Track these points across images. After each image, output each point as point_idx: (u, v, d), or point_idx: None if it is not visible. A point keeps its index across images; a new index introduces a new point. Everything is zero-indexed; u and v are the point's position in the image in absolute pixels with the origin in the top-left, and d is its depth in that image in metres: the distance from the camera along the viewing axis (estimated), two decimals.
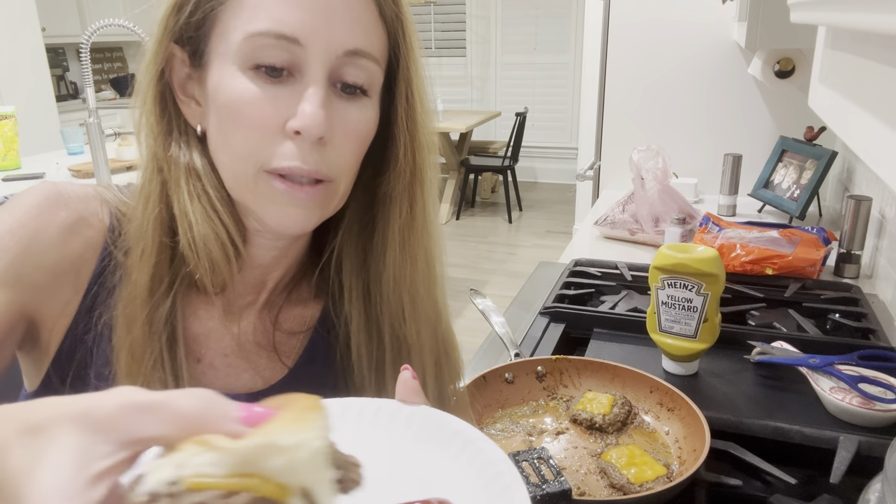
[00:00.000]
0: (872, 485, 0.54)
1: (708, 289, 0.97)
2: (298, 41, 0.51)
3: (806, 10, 0.61)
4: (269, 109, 0.52)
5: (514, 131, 5.41)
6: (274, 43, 0.51)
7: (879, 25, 0.38)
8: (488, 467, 0.41)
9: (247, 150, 0.53)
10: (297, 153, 0.53)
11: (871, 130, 0.45)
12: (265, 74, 0.52)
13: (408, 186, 0.59)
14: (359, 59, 0.54)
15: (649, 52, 2.12)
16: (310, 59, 0.52)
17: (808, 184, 1.74)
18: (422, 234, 0.61)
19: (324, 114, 0.52)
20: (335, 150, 0.54)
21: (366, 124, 0.56)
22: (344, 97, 0.55)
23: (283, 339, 0.65)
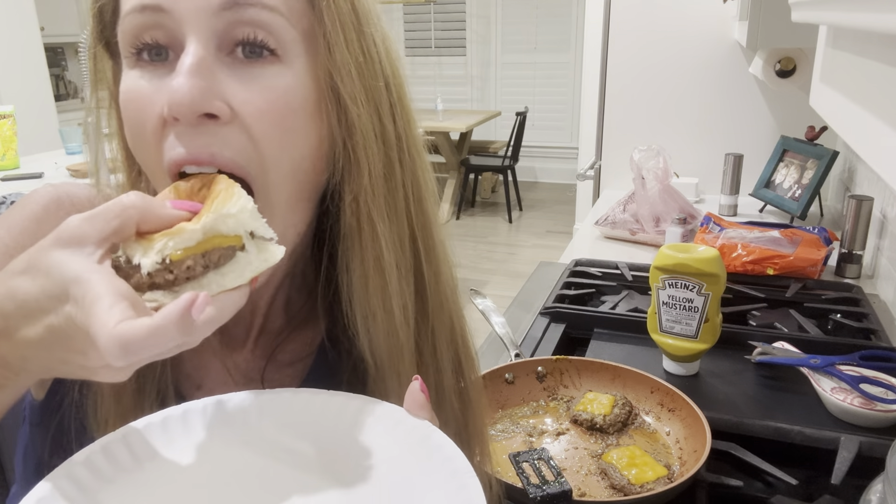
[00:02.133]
0: (874, 485, 0.54)
1: (709, 289, 0.97)
2: (161, 6, 0.42)
3: (807, 9, 0.60)
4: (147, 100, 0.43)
5: (514, 131, 5.41)
6: (141, 20, 0.43)
7: (881, 25, 0.37)
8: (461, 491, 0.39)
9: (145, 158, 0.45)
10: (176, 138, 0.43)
11: (873, 130, 0.45)
12: (148, 61, 0.44)
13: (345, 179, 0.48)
14: (246, 9, 0.42)
15: (650, 52, 2.12)
16: (183, 26, 0.42)
17: (810, 184, 1.74)
18: (369, 239, 0.48)
19: (197, 82, 0.41)
20: (242, 131, 0.43)
21: (282, 95, 0.44)
22: (247, 63, 0.44)
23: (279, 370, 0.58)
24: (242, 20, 0.42)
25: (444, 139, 5.43)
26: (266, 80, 0.43)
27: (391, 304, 0.50)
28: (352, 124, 0.46)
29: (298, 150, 0.45)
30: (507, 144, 5.50)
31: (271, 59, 0.44)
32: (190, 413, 0.45)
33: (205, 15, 0.42)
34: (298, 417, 0.46)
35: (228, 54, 0.43)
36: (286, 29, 0.44)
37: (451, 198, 5.62)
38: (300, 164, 0.46)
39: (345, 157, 0.47)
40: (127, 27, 0.44)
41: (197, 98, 0.41)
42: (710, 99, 2.10)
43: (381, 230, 0.48)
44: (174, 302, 0.33)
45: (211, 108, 0.42)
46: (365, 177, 0.47)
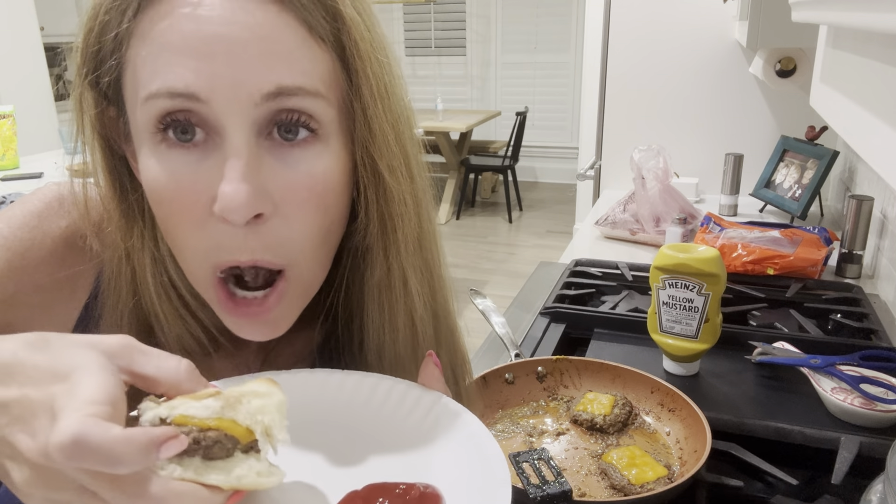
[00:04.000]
0: (874, 485, 0.54)
1: (709, 289, 0.97)
2: (197, 96, 0.40)
3: (807, 9, 0.60)
4: (190, 191, 0.42)
5: (514, 131, 5.41)
6: (170, 104, 0.41)
7: (881, 24, 0.37)
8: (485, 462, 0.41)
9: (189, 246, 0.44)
10: (230, 241, 0.42)
11: (873, 130, 0.45)
12: (176, 142, 0.42)
13: (377, 240, 0.48)
14: (289, 98, 0.41)
15: (650, 52, 2.12)
16: (221, 117, 0.41)
17: (810, 183, 1.74)
18: (401, 295, 0.49)
19: (248, 188, 0.40)
20: (284, 224, 0.43)
21: (321, 179, 0.44)
22: (286, 145, 0.43)
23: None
24: (284, 108, 0.42)
25: (444, 139, 5.43)
26: (306, 165, 0.43)
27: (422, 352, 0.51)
28: (390, 194, 0.46)
29: (331, 221, 0.46)
30: (507, 144, 5.50)
31: (311, 139, 0.43)
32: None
33: (247, 107, 0.41)
34: (317, 395, 0.47)
35: (267, 136, 0.43)
36: (326, 110, 0.43)
37: (451, 198, 5.62)
38: (328, 234, 0.47)
39: (380, 222, 0.47)
40: (152, 110, 0.41)
41: (250, 203, 0.40)
42: (711, 99, 2.10)
43: (413, 285, 0.49)
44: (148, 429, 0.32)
45: (259, 208, 0.41)
46: (401, 239, 0.48)
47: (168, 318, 0.49)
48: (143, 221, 0.49)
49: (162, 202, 0.43)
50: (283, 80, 0.41)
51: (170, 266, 0.49)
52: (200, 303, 0.49)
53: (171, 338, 0.49)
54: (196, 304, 0.49)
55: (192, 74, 0.40)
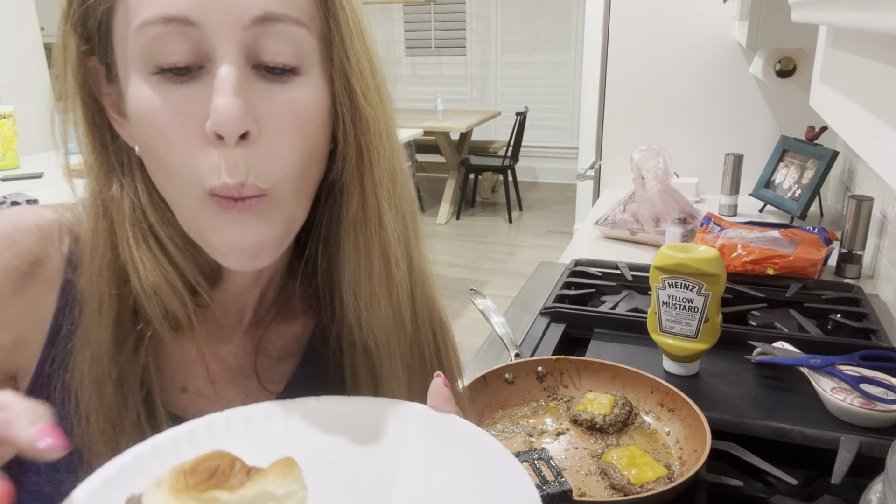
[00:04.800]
0: (874, 485, 0.54)
1: (709, 289, 0.97)
2: (190, 19, 0.41)
3: (807, 9, 0.60)
4: (182, 116, 0.43)
5: (514, 131, 5.41)
6: (164, 31, 0.41)
7: (881, 24, 0.37)
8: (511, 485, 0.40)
9: (180, 171, 0.44)
10: (222, 164, 0.43)
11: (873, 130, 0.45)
12: (171, 76, 0.43)
13: (354, 173, 0.49)
14: (274, 25, 0.43)
15: (650, 52, 2.12)
16: (212, 40, 0.42)
17: (810, 184, 1.74)
18: (376, 230, 0.50)
19: (240, 102, 0.42)
20: (267, 148, 0.44)
21: (303, 107, 0.45)
22: (269, 79, 0.44)
23: (269, 363, 0.58)
24: (270, 33, 0.43)
25: (444, 139, 5.43)
26: (288, 93, 0.45)
27: (397, 292, 0.51)
28: (366, 123, 0.47)
29: (310, 152, 0.47)
30: (507, 144, 5.50)
31: (292, 75, 0.45)
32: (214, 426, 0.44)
33: (237, 29, 0.42)
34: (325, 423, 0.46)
35: (253, 66, 0.44)
36: (308, 40, 0.45)
37: (451, 198, 5.62)
38: (309, 163, 0.47)
39: (357, 154, 0.48)
40: (146, 39, 0.42)
41: (242, 116, 0.42)
42: (710, 99, 2.10)
43: (388, 221, 0.50)
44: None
45: (248, 125, 0.42)
46: (376, 171, 0.49)
47: (146, 265, 0.48)
48: (123, 171, 0.49)
49: (152, 129, 0.44)
50: (269, 6, 0.42)
51: (149, 212, 0.49)
52: (180, 249, 0.49)
53: (148, 286, 0.48)
54: (176, 250, 0.49)
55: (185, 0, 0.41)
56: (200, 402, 0.55)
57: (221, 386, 0.56)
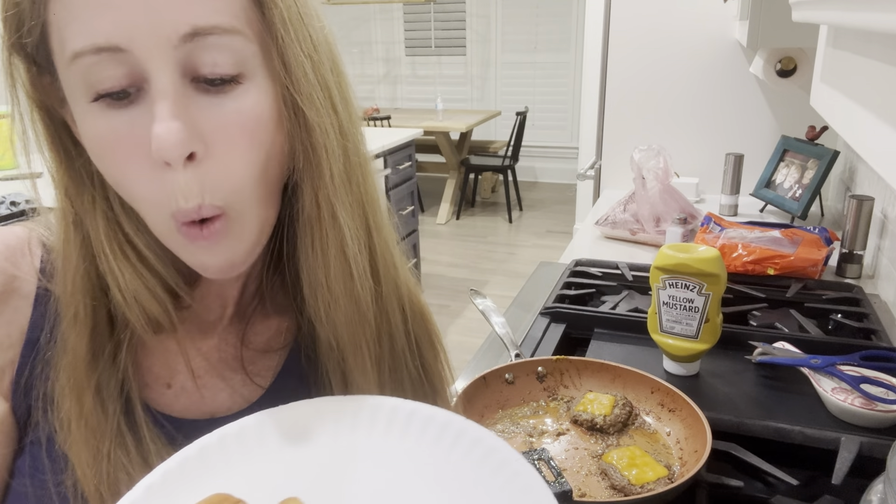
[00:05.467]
0: (874, 486, 0.54)
1: (709, 289, 0.97)
2: (120, 47, 0.40)
3: (807, 8, 0.60)
4: (128, 143, 0.42)
5: (514, 131, 5.41)
6: (96, 60, 0.40)
7: (881, 24, 0.37)
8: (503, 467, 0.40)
9: (140, 196, 0.44)
10: (175, 189, 0.42)
11: (873, 130, 0.45)
12: (111, 101, 0.42)
13: (304, 174, 0.48)
14: (206, 38, 0.41)
15: (650, 51, 2.12)
16: (145, 63, 0.41)
17: (810, 183, 1.74)
18: (330, 228, 0.49)
19: (178, 125, 0.41)
20: (218, 164, 0.43)
21: (250, 115, 0.44)
22: (211, 91, 0.43)
23: (254, 356, 0.58)
24: (203, 47, 0.42)
25: (444, 139, 5.43)
26: (233, 103, 0.43)
27: (357, 290, 0.51)
28: (311, 125, 0.46)
29: (266, 157, 0.46)
30: (507, 144, 5.50)
31: (236, 77, 0.43)
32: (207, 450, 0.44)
33: (167, 49, 0.41)
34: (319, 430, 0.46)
35: (192, 80, 0.43)
36: (245, 46, 0.43)
37: (451, 198, 5.62)
38: (267, 167, 0.46)
39: (304, 156, 0.47)
40: (81, 69, 0.41)
41: (183, 139, 0.41)
42: (711, 99, 2.10)
43: (344, 220, 0.49)
44: None
45: (192, 146, 0.41)
46: (326, 172, 0.48)
47: (125, 275, 0.48)
48: (93, 184, 0.48)
49: (104, 158, 0.43)
50: (197, 21, 0.41)
51: (125, 223, 0.48)
52: (158, 256, 0.49)
53: (129, 295, 0.48)
54: (154, 257, 0.49)
55: (110, 26, 0.40)
56: (185, 397, 0.55)
57: (206, 380, 0.56)
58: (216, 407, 0.55)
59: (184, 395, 0.55)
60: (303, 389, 0.58)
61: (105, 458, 0.48)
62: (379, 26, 6.94)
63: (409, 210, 3.69)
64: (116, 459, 0.48)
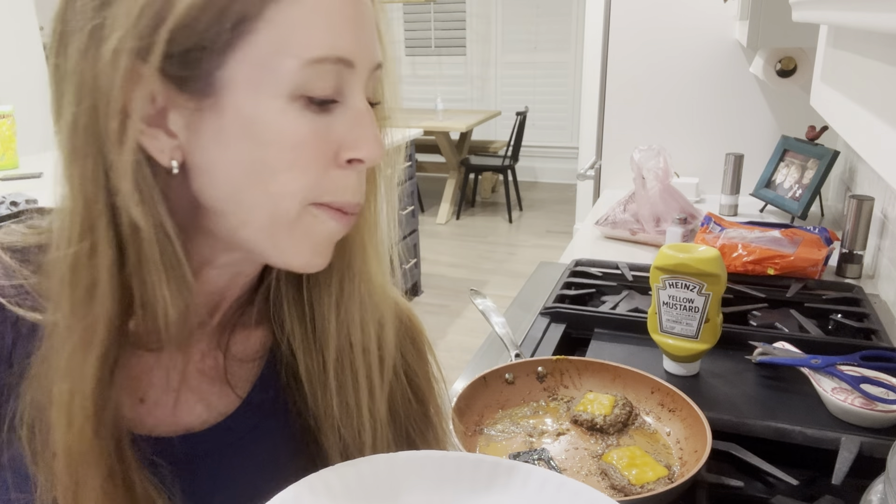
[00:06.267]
0: (874, 486, 0.54)
1: (709, 289, 0.97)
2: (353, 63, 0.46)
3: (807, 8, 0.60)
4: (323, 144, 0.46)
5: (514, 131, 5.41)
6: (329, 69, 0.45)
7: (881, 24, 0.37)
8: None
9: (297, 187, 0.46)
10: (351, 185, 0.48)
11: (873, 129, 0.45)
12: (314, 105, 0.45)
13: None
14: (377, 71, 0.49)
15: (650, 51, 2.12)
16: (354, 80, 0.47)
17: (810, 183, 1.74)
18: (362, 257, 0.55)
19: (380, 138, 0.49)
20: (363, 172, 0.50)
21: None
22: None
23: (233, 366, 0.57)
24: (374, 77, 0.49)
25: (444, 139, 5.43)
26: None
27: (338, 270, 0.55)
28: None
29: None
30: (507, 144, 5.50)
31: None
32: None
33: (369, 73, 0.48)
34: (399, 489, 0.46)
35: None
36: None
37: (451, 198, 5.62)
38: None
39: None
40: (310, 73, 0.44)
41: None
42: (711, 99, 2.10)
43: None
44: None
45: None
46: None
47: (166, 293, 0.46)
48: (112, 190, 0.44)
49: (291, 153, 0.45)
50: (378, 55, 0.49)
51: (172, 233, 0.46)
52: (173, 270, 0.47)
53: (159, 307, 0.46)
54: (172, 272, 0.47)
55: (352, 42, 0.45)
56: (159, 411, 0.52)
57: (182, 394, 0.54)
58: (191, 421, 0.53)
59: (157, 409, 0.52)
60: (280, 401, 0.57)
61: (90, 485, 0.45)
62: None
63: (409, 210, 3.69)
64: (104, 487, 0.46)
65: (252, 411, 0.56)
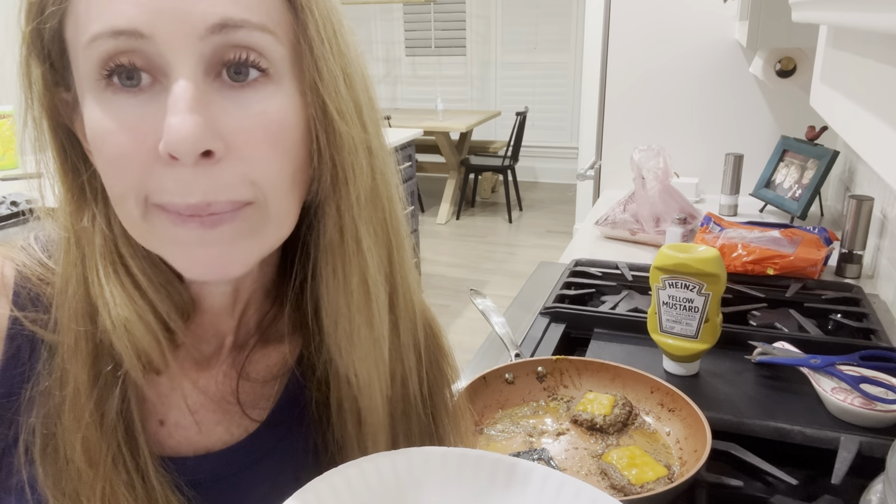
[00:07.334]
0: (874, 485, 0.54)
1: (709, 289, 0.97)
2: (141, 32, 0.38)
3: (807, 9, 0.60)
4: (138, 134, 0.40)
5: (514, 131, 5.41)
6: (114, 45, 0.38)
7: (881, 24, 0.37)
8: None
9: (123, 186, 0.41)
10: (174, 184, 0.40)
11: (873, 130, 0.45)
12: (121, 87, 0.40)
13: (329, 194, 0.46)
14: (236, 32, 0.39)
15: (650, 52, 2.12)
16: (167, 53, 0.39)
17: (810, 183, 1.74)
18: (354, 254, 0.47)
19: (197, 119, 0.38)
20: (241, 164, 0.41)
21: (276, 119, 0.42)
22: (236, 86, 0.41)
23: (253, 388, 0.55)
24: (231, 43, 0.40)
25: (444, 139, 5.43)
26: (259, 105, 0.41)
27: (375, 320, 0.49)
28: (340, 140, 0.44)
29: (293, 165, 0.44)
30: (507, 144, 5.50)
31: (262, 79, 0.41)
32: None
33: (191, 40, 0.39)
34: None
35: (216, 78, 0.40)
36: (275, 47, 0.41)
37: (451, 198, 5.62)
38: (294, 177, 0.44)
39: (332, 172, 0.45)
40: (96, 55, 0.39)
41: (199, 136, 0.38)
42: (711, 99, 2.10)
43: (367, 245, 0.47)
44: None
45: (209, 144, 0.39)
46: (352, 192, 0.45)
47: (116, 299, 0.45)
48: (95, 202, 0.46)
49: (104, 147, 0.41)
50: (228, 12, 0.39)
51: (121, 244, 0.46)
52: (154, 285, 0.47)
53: (118, 322, 0.45)
54: (148, 283, 0.46)
55: (133, 9, 0.38)
56: (179, 434, 0.52)
57: (202, 416, 0.53)
58: (212, 442, 0.53)
59: (178, 431, 0.52)
60: (303, 420, 0.56)
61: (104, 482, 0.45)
62: (379, 26, 6.94)
63: (409, 210, 3.69)
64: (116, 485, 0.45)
65: (273, 431, 0.55)
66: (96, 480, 0.45)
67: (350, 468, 0.45)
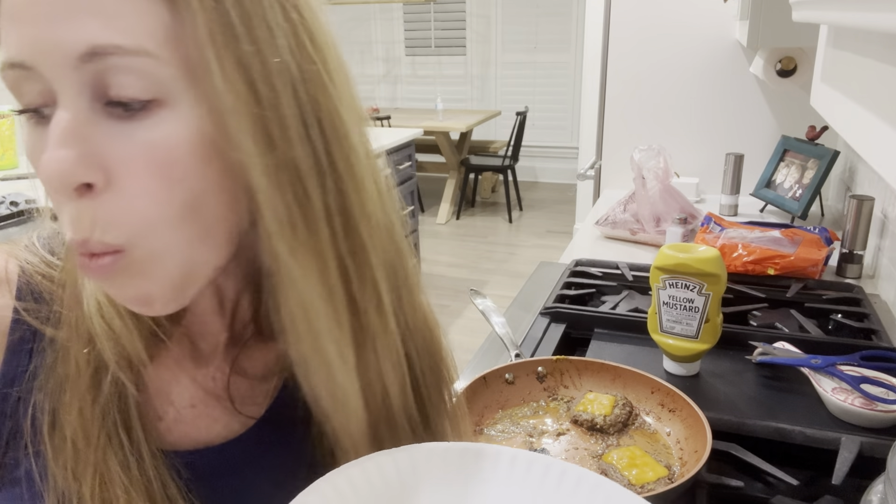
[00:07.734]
0: (874, 486, 0.54)
1: (709, 289, 0.97)
2: (25, 64, 0.37)
3: (808, 8, 0.60)
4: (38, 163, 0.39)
5: (514, 130, 5.41)
6: (14, 75, 0.38)
7: (881, 24, 0.37)
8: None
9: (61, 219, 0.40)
10: (65, 217, 0.39)
11: (874, 129, 0.45)
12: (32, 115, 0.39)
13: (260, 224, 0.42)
14: (108, 59, 0.36)
15: (650, 51, 2.12)
16: (51, 83, 0.37)
17: (811, 183, 1.74)
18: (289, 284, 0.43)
19: (66, 154, 0.36)
20: (120, 199, 0.38)
21: (163, 148, 0.38)
22: (124, 117, 0.38)
23: (251, 384, 0.54)
24: (110, 68, 0.37)
25: (444, 139, 5.43)
26: (145, 133, 0.38)
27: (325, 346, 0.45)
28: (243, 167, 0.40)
29: (189, 194, 0.40)
30: (507, 144, 5.50)
31: (152, 105, 0.38)
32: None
33: (66, 70, 0.37)
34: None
35: (106, 104, 0.38)
36: (159, 69, 0.37)
37: (451, 198, 5.62)
38: (193, 205, 0.40)
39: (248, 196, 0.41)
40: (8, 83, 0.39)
41: (67, 171, 0.36)
42: (711, 98, 2.10)
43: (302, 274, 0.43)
44: None
45: (83, 177, 0.37)
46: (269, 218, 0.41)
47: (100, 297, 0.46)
48: None
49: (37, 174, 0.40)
50: (95, 40, 0.36)
51: None
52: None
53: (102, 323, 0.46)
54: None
55: (18, 41, 0.37)
56: (179, 428, 0.51)
57: (201, 411, 0.53)
58: (211, 437, 0.52)
59: (177, 426, 0.52)
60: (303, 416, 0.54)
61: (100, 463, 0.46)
62: (379, 26, 6.94)
63: (408, 210, 3.69)
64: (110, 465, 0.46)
65: (272, 427, 0.54)
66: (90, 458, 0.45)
67: (352, 468, 0.45)
